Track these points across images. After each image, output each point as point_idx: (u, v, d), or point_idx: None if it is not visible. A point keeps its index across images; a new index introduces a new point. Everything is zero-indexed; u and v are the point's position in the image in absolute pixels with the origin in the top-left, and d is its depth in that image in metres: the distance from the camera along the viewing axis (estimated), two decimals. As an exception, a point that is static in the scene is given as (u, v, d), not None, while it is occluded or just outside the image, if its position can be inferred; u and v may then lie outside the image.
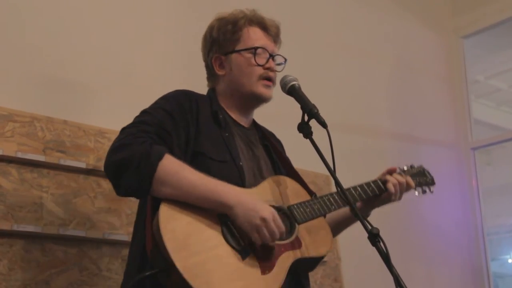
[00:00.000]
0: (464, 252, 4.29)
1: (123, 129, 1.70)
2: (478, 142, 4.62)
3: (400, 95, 4.24)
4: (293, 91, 1.82)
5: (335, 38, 3.87)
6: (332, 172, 1.70)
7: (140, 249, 1.67)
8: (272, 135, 2.13)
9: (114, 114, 2.61)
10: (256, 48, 1.91)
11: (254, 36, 1.94)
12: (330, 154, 1.73)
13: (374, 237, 1.51)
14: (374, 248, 1.50)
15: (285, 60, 2.00)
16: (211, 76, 2.01)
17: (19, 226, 2.13)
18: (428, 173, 2.25)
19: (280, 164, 1.99)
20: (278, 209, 1.73)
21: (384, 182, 2.04)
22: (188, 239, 1.54)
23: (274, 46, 1.98)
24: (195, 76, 2.06)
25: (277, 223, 1.63)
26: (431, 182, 2.24)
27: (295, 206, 1.78)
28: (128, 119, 1.75)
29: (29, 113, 2.31)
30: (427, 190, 2.23)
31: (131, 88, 2.74)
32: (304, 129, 1.79)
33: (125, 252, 2.41)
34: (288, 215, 1.75)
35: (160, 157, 1.59)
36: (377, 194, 2.03)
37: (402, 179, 2.06)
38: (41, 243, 2.20)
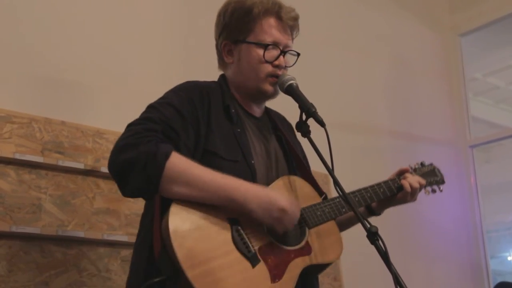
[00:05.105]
0: (463, 250, 4.29)
1: (129, 126, 1.63)
2: (477, 140, 4.62)
3: (398, 93, 4.24)
4: (291, 90, 1.79)
5: (333, 36, 3.87)
6: (331, 171, 1.69)
7: (146, 250, 1.63)
8: (282, 120, 2.06)
9: (112, 115, 2.61)
10: (267, 45, 1.82)
11: (268, 29, 1.83)
12: (329, 153, 1.73)
13: (373, 236, 1.49)
14: (373, 247, 1.50)
15: (298, 54, 1.90)
16: (220, 59, 1.93)
17: (18, 228, 2.13)
18: (439, 171, 2.21)
19: (292, 156, 1.94)
20: None
21: (397, 182, 2.01)
22: (198, 246, 1.50)
23: (288, 38, 1.87)
24: (194, 76, 2.05)
25: (296, 210, 1.63)
26: (441, 181, 2.20)
27: (306, 209, 1.74)
28: (125, 120, 1.73)
29: (27, 114, 2.31)
30: (437, 189, 2.18)
31: (129, 88, 2.74)
32: (302, 128, 1.77)
33: (124, 252, 2.41)
34: (299, 219, 1.71)
35: (167, 156, 1.53)
36: (390, 194, 1.99)
37: (416, 179, 2.02)
38: (40, 244, 2.20)
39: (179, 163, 1.56)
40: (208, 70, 1.99)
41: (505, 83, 6.64)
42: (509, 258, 7.26)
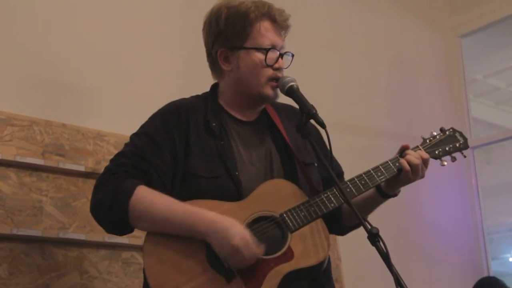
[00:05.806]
0: (464, 251, 4.29)
1: (110, 161, 1.73)
2: (477, 141, 4.61)
3: (399, 94, 4.24)
4: (291, 92, 1.78)
5: (333, 38, 3.87)
6: (332, 172, 1.68)
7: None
8: (288, 111, 2.00)
9: (113, 117, 2.61)
10: (268, 50, 1.80)
11: (265, 33, 1.82)
12: (329, 155, 1.73)
13: (374, 237, 1.48)
14: (374, 248, 1.50)
15: (293, 55, 1.89)
16: (215, 67, 1.90)
17: (19, 230, 2.13)
18: (461, 135, 2.03)
19: (292, 155, 1.87)
20: (270, 219, 1.68)
21: (397, 161, 1.89)
22: (171, 271, 1.56)
23: (282, 39, 1.87)
24: (194, 79, 2.06)
25: (250, 249, 1.57)
26: (463, 146, 2.00)
27: (288, 212, 1.70)
28: (126, 121, 1.76)
29: (28, 117, 2.31)
30: (459, 155, 1.99)
31: (130, 90, 2.74)
32: (303, 130, 1.75)
33: (125, 255, 2.41)
34: (280, 223, 1.68)
35: (129, 196, 1.61)
36: (391, 176, 1.87)
37: (416, 155, 1.88)
38: (41, 246, 2.20)
39: (142, 199, 1.62)
40: (208, 73, 1.99)
41: (505, 84, 6.62)
42: (510, 259, 7.23)
